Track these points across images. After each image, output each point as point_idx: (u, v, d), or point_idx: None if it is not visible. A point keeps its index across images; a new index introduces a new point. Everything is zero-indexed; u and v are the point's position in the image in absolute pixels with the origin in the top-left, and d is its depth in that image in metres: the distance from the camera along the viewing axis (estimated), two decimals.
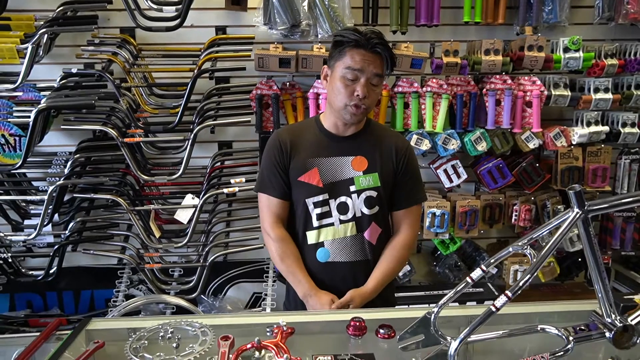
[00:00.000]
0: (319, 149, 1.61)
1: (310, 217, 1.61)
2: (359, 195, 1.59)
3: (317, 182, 1.59)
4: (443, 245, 2.58)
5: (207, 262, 2.40)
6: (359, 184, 1.59)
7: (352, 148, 1.61)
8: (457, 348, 0.95)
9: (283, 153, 1.61)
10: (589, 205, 0.98)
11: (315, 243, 1.62)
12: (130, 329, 1.20)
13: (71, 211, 2.44)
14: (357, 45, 1.50)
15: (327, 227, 1.61)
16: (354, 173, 1.59)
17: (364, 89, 1.50)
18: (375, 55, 1.50)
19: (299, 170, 1.60)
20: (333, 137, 1.62)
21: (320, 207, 1.60)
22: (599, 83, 2.43)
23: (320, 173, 1.59)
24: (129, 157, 2.28)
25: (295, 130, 1.70)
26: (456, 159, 2.50)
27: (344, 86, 1.51)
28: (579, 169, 2.50)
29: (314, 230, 1.61)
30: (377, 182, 1.60)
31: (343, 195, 1.59)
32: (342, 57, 1.51)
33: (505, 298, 0.93)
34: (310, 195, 1.59)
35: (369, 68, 1.50)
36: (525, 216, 2.51)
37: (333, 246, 1.61)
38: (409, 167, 1.64)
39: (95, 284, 2.72)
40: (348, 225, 1.60)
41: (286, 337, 1.10)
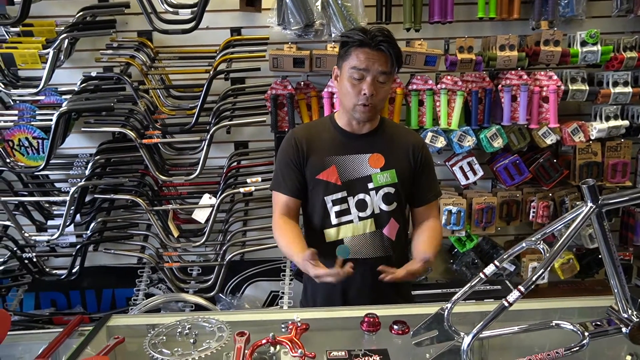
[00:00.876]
0: (335, 147, 1.63)
1: (328, 215, 1.62)
2: (377, 192, 1.61)
3: (336, 179, 1.60)
4: (460, 243, 2.56)
5: (225, 260, 2.44)
6: (376, 181, 1.61)
7: (368, 145, 1.63)
8: (470, 343, 0.95)
9: (299, 151, 1.62)
10: (603, 200, 0.97)
11: (334, 241, 1.63)
12: (149, 325, 1.23)
13: (92, 212, 2.49)
14: (362, 45, 1.51)
15: (347, 224, 1.62)
16: (372, 170, 1.61)
17: (371, 88, 1.51)
18: (380, 53, 1.51)
19: (317, 168, 1.61)
20: (349, 135, 1.64)
21: (339, 204, 1.61)
22: (618, 77, 2.39)
23: (338, 171, 1.60)
24: (148, 158, 2.33)
25: (311, 128, 1.72)
26: (472, 156, 2.48)
27: (352, 86, 1.53)
28: (598, 164, 2.46)
29: (332, 227, 1.62)
30: (395, 178, 1.62)
31: (361, 192, 1.61)
32: (348, 57, 1.53)
33: (518, 293, 0.93)
34: (328, 193, 1.61)
35: (374, 66, 1.51)
36: (543, 213, 2.48)
37: (353, 243, 1.62)
38: (426, 163, 1.67)
39: (117, 283, 2.78)
40: (367, 222, 1.62)
41: (300, 333, 1.11)
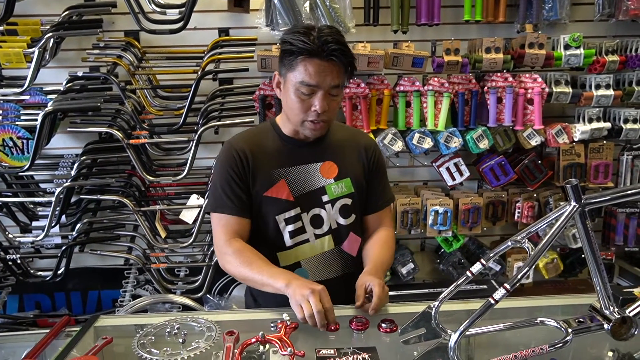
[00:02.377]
0: (282, 158, 1.44)
1: (281, 236, 1.45)
2: (333, 205, 1.46)
3: (287, 195, 1.42)
4: (446, 243, 2.59)
5: (213, 261, 2.43)
6: (331, 193, 1.45)
7: (318, 153, 1.46)
8: (457, 340, 0.97)
9: (243, 165, 1.42)
10: (586, 199, 1.00)
11: (290, 265, 1.46)
12: (137, 326, 1.22)
13: (78, 212, 2.47)
14: (310, 55, 1.29)
15: (302, 244, 1.45)
16: (325, 181, 1.45)
17: (323, 103, 1.32)
18: (333, 64, 1.30)
19: (265, 184, 1.42)
20: (296, 143, 1.45)
21: (292, 223, 1.43)
22: (600, 80, 2.44)
23: (289, 185, 1.42)
24: (135, 159, 2.31)
25: (252, 138, 1.48)
26: (458, 157, 2.51)
27: (300, 100, 1.33)
28: (581, 165, 2.50)
29: (287, 250, 1.45)
30: (351, 187, 1.47)
31: (315, 207, 1.45)
32: (294, 68, 1.32)
33: (504, 290, 0.95)
34: (280, 212, 1.43)
35: (326, 81, 1.31)
36: (528, 213, 2.52)
37: (310, 265, 1.47)
38: (379, 166, 1.53)
39: (103, 284, 2.76)
40: (325, 239, 1.46)
41: (290, 331, 1.12)
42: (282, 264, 1.46)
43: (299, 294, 1.19)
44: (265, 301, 1.42)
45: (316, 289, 1.19)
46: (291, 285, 1.23)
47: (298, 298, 1.19)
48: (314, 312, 1.15)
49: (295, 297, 1.20)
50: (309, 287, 1.20)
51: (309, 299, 1.17)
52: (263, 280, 1.30)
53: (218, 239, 1.41)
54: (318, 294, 1.18)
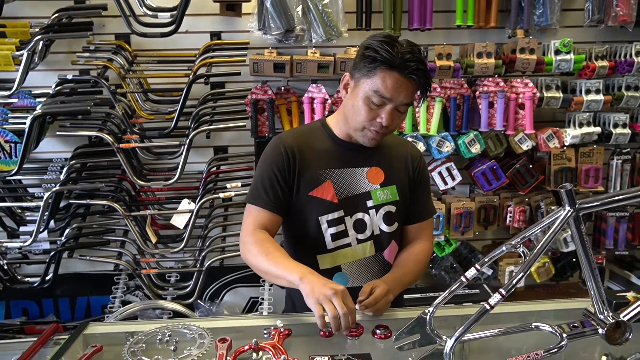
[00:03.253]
0: (330, 159, 1.42)
1: (323, 238, 1.41)
2: (377, 211, 1.43)
3: (332, 197, 1.40)
4: (439, 248, 2.59)
5: (204, 267, 2.41)
6: (376, 199, 1.43)
7: (365, 158, 1.44)
8: (453, 346, 0.96)
9: (290, 162, 1.39)
10: (580, 204, 1.00)
11: (330, 268, 1.43)
12: (127, 333, 1.20)
13: (67, 217, 2.44)
14: (392, 67, 1.26)
15: (344, 248, 1.43)
16: (371, 186, 1.43)
17: (390, 118, 1.31)
18: (410, 82, 1.28)
19: (311, 183, 1.39)
20: (345, 145, 1.43)
21: (335, 225, 1.41)
22: (590, 85, 2.46)
23: (334, 187, 1.40)
24: (125, 163, 2.29)
25: (301, 136, 1.46)
26: (450, 162, 2.51)
27: (368, 109, 1.31)
28: (572, 169, 2.52)
29: (328, 253, 1.42)
30: (396, 195, 1.45)
31: (360, 211, 1.42)
32: (371, 76, 1.29)
33: (499, 296, 0.94)
34: (323, 213, 1.39)
35: (399, 97, 1.29)
36: (519, 217, 2.53)
37: (351, 270, 1.44)
38: (423, 177, 1.51)
39: (92, 290, 2.72)
40: (366, 245, 1.44)
41: (283, 338, 1.10)
42: (322, 267, 1.42)
43: (320, 293, 1.12)
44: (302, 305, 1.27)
45: (338, 289, 1.14)
46: (306, 279, 1.17)
47: (319, 297, 1.12)
48: (339, 314, 1.10)
49: (314, 295, 1.13)
50: (330, 286, 1.14)
51: (332, 300, 1.11)
52: (278, 272, 1.25)
53: (244, 229, 1.38)
54: (341, 294, 1.13)
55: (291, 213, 1.43)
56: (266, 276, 1.32)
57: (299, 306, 1.45)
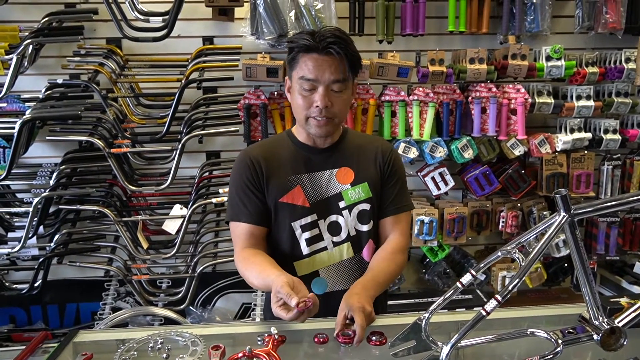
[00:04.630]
0: (298, 165, 1.43)
1: (298, 244, 1.42)
2: (351, 211, 1.43)
3: (303, 201, 1.41)
4: (432, 253, 2.59)
5: (196, 272, 2.39)
6: (348, 199, 1.43)
7: (333, 159, 1.45)
8: (449, 353, 0.95)
9: (257, 172, 1.41)
10: (575, 209, 1.00)
11: (308, 274, 1.42)
12: (118, 341, 1.18)
13: (56, 223, 2.41)
14: (309, 50, 1.31)
15: (320, 252, 1.43)
16: (341, 187, 1.43)
17: (324, 99, 1.32)
18: (332, 58, 1.30)
19: (280, 190, 1.41)
20: (310, 150, 1.45)
21: (309, 230, 1.41)
22: (581, 91, 2.48)
23: (304, 191, 1.41)
24: (116, 168, 2.27)
25: (266, 146, 1.49)
26: (443, 167, 2.52)
27: (302, 97, 1.34)
28: (564, 175, 2.53)
29: (304, 258, 1.42)
30: (369, 192, 1.44)
31: (333, 213, 1.43)
32: (295, 66, 1.34)
33: (495, 302, 0.94)
34: (296, 218, 1.41)
35: (324, 75, 1.31)
36: (512, 222, 2.53)
37: (330, 274, 1.43)
38: (395, 170, 1.49)
39: (81, 297, 2.68)
40: (343, 247, 1.44)
41: (277, 345, 1.09)
42: (300, 273, 1.42)
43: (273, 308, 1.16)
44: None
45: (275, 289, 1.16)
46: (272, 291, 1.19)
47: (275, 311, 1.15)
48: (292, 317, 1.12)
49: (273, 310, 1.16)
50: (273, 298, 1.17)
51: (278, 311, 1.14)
52: (266, 282, 1.26)
53: (234, 249, 1.42)
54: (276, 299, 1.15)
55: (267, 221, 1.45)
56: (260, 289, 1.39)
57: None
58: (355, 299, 1.21)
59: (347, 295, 1.25)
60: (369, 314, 1.20)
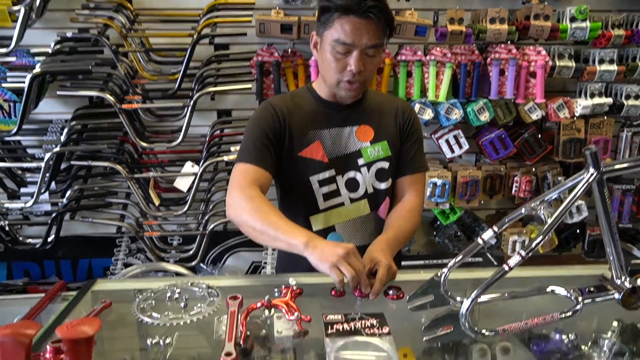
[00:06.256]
0: (319, 120, 1.41)
1: (314, 199, 1.41)
2: (369, 169, 1.43)
3: (322, 156, 1.40)
4: (443, 216, 2.58)
5: (207, 230, 2.40)
6: (367, 156, 1.42)
7: (354, 117, 1.43)
8: (469, 307, 0.95)
9: (280, 120, 1.37)
10: (605, 166, 0.97)
11: (323, 228, 1.43)
12: (136, 290, 1.18)
13: (68, 179, 2.41)
14: (347, 12, 1.25)
15: (337, 207, 1.43)
16: (361, 144, 1.42)
17: (358, 63, 1.28)
18: (370, 22, 1.26)
19: (299, 143, 1.39)
20: (332, 106, 1.43)
21: (326, 185, 1.41)
22: (604, 54, 2.40)
23: (324, 146, 1.40)
24: (127, 124, 2.25)
25: (288, 99, 1.46)
26: (458, 129, 2.48)
27: (335, 60, 1.30)
28: (581, 140, 2.49)
29: (320, 213, 1.42)
30: (388, 151, 1.44)
31: (351, 170, 1.42)
32: (330, 26, 1.28)
33: (519, 257, 0.92)
34: (314, 173, 1.39)
35: (362, 40, 1.26)
36: (525, 187, 2.51)
37: (345, 229, 1.44)
38: (414, 130, 1.48)
39: (94, 253, 2.71)
40: (360, 203, 1.43)
41: (295, 297, 1.09)
42: (315, 227, 1.42)
43: (333, 255, 1.09)
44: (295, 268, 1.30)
45: (350, 247, 1.11)
46: (312, 244, 1.13)
47: (333, 260, 1.08)
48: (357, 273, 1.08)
49: (327, 259, 1.09)
50: (341, 246, 1.11)
51: (347, 260, 1.09)
52: (277, 235, 1.18)
53: (234, 185, 1.32)
54: (352, 253, 1.11)
55: (282, 175, 1.43)
56: (260, 236, 1.24)
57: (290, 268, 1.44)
58: (382, 255, 1.20)
59: (371, 250, 1.24)
60: (394, 272, 1.19)
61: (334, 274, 1.08)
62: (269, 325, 1.05)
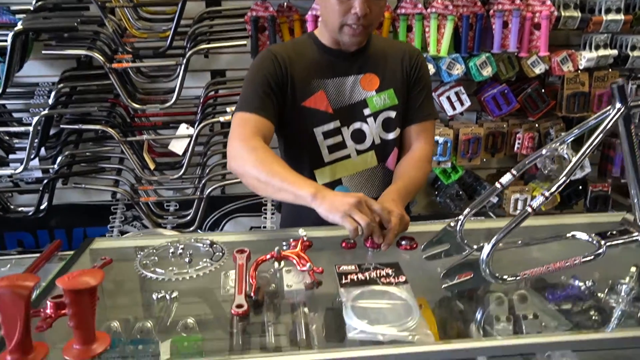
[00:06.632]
0: (322, 69, 1.34)
1: (319, 151, 1.35)
2: (376, 119, 1.36)
3: (326, 107, 1.33)
4: (444, 175, 2.54)
5: (204, 195, 2.34)
6: (373, 106, 1.36)
7: (358, 65, 1.36)
8: (490, 252, 0.90)
9: (281, 70, 1.30)
10: (632, 100, 0.92)
11: (329, 182, 1.37)
12: (137, 248, 1.13)
13: (59, 145, 2.33)
14: None
15: (343, 160, 1.37)
16: (366, 94, 1.36)
17: (363, 6, 1.21)
18: None
19: (303, 93, 1.32)
20: (335, 54, 1.35)
21: (331, 137, 1.35)
22: (611, 3, 2.32)
23: (328, 96, 1.33)
24: (118, 85, 2.15)
25: (290, 46, 1.40)
26: (459, 86, 2.41)
27: (339, 3, 1.23)
28: (585, 94, 2.43)
29: (326, 166, 1.36)
30: (394, 99, 1.36)
31: (357, 120, 1.36)
32: None
33: (542, 198, 0.88)
34: (318, 124, 1.33)
35: None
36: (528, 144, 2.46)
37: (352, 182, 1.38)
38: (422, 75, 1.40)
39: (88, 221, 2.65)
40: (367, 155, 1.38)
41: (305, 249, 1.04)
42: (321, 181, 1.36)
43: (344, 205, 1.04)
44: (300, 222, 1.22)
45: (360, 196, 1.07)
46: (321, 195, 1.07)
47: (345, 209, 1.03)
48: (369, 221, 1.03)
49: (338, 209, 1.03)
50: (351, 195, 1.07)
51: (359, 209, 1.04)
52: (283, 186, 1.12)
53: (235, 135, 1.25)
54: (364, 201, 1.06)
55: (285, 127, 1.36)
56: (264, 188, 1.18)
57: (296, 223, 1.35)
58: (393, 205, 1.14)
59: (382, 201, 1.18)
60: (406, 222, 1.14)
61: (347, 222, 1.03)
62: (279, 278, 1.01)
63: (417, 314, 0.85)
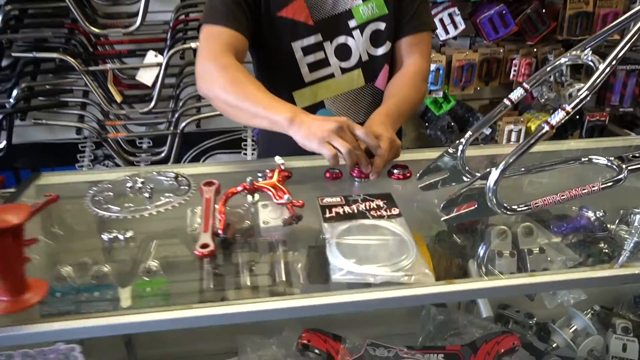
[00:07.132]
0: None
1: (298, 70, 1.20)
2: (362, 31, 1.20)
3: (305, 18, 1.15)
4: (435, 105, 2.38)
5: (178, 129, 2.17)
6: (360, 17, 1.18)
7: None
8: (498, 179, 0.77)
9: None
10: None
11: (310, 105, 1.22)
12: (90, 183, 0.98)
13: (14, 77, 2.11)
14: None
15: (326, 80, 1.21)
16: (351, 2, 1.18)
17: None
18: None
19: (278, 1, 1.14)
20: None
21: (312, 53, 1.18)
22: None
23: (307, 5, 1.16)
24: (74, 7, 1.92)
25: None
26: (453, 7, 2.20)
27: None
28: (589, 14, 2.25)
29: (306, 87, 1.21)
30: (384, 8, 1.19)
31: (341, 34, 1.19)
32: None
33: (564, 113, 0.74)
34: (297, 38, 1.17)
35: None
36: (525, 70, 2.31)
37: (337, 105, 1.23)
38: None
39: (56, 161, 2.47)
40: (353, 73, 1.22)
41: (283, 180, 0.90)
42: (300, 105, 1.20)
43: (323, 130, 0.91)
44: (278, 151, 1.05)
45: (342, 120, 0.94)
46: (298, 120, 0.94)
47: (323, 135, 0.91)
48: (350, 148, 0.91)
49: (316, 135, 0.91)
50: (332, 119, 0.93)
51: (339, 134, 0.91)
52: (257, 111, 0.99)
53: (204, 53, 1.08)
54: (347, 126, 0.93)
55: (258, 42, 1.18)
56: (236, 113, 1.04)
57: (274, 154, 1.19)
58: (382, 128, 1.00)
59: (369, 124, 1.03)
60: (397, 147, 1.00)
61: (325, 149, 0.89)
62: (254, 214, 0.88)
63: (413, 251, 0.73)
